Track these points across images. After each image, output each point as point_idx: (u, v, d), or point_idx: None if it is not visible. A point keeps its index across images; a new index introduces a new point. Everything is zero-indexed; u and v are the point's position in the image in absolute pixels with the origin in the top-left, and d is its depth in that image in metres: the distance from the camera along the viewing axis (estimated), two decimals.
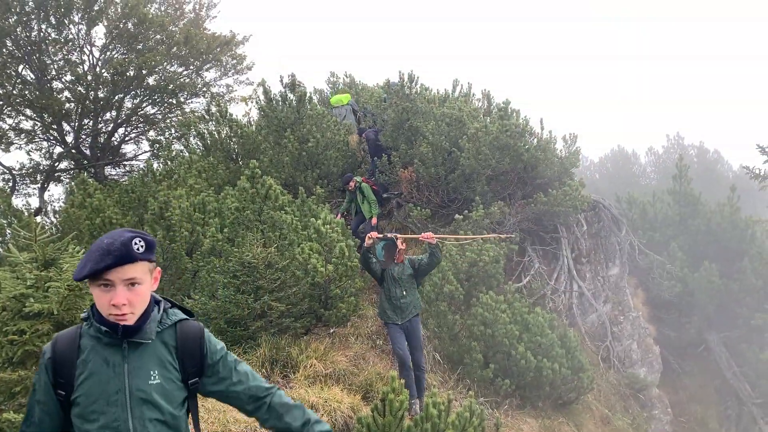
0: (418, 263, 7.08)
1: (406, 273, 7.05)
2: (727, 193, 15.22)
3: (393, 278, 7.04)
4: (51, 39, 14.75)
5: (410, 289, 7.02)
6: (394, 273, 7.02)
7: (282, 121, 11.77)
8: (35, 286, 4.07)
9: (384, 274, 7.08)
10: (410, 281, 7.06)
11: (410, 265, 7.12)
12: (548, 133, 11.35)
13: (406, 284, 7.00)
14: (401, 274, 7.03)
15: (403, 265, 7.09)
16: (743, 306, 13.50)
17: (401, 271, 7.05)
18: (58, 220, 10.35)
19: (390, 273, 7.03)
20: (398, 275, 7.02)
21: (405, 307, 6.94)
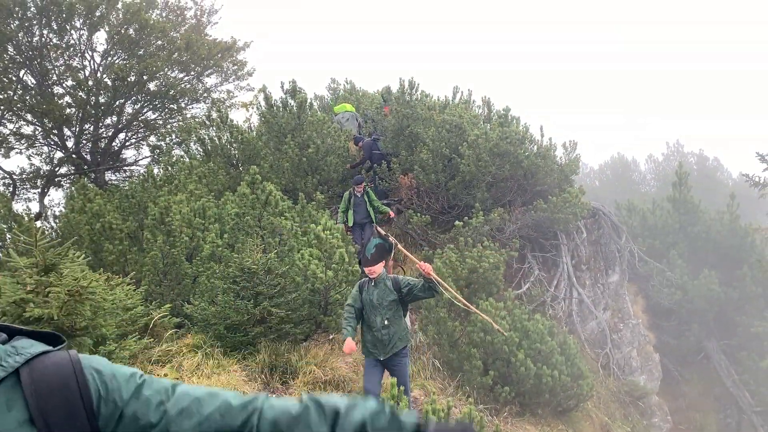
0: (407, 287, 5.91)
1: (388, 298, 5.89)
2: (727, 201, 15.25)
3: (372, 304, 5.93)
4: (52, 44, 14.78)
5: (394, 318, 5.87)
6: (373, 297, 5.91)
7: (282, 127, 11.80)
8: (35, 291, 4.07)
9: (362, 298, 6.02)
10: (394, 308, 5.90)
11: (394, 287, 5.95)
12: (548, 141, 11.41)
13: (388, 312, 5.86)
14: (382, 298, 5.90)
15: (384, 288, 5.95)
16: (743, 314, 13.50)
17: (382, 296, 5.91)
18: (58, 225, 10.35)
19: (368, 298, 5.94)
20: (378, 300, 5.91)
21: (387, 340, 5.82)
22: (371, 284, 6.03)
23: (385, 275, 6.07)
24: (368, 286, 6.05)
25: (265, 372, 6.67)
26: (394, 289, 5.94)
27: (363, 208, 10.37)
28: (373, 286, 6.01)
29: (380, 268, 6.06)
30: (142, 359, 6.33)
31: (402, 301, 5.98)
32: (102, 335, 4.63)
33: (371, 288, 6.01)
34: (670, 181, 16.73)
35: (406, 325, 6.11)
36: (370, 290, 6.01)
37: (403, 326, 5.98)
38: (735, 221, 14.84)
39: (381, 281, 6.00)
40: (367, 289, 6.05)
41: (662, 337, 14.13)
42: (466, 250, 9.55)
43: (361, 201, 10.39)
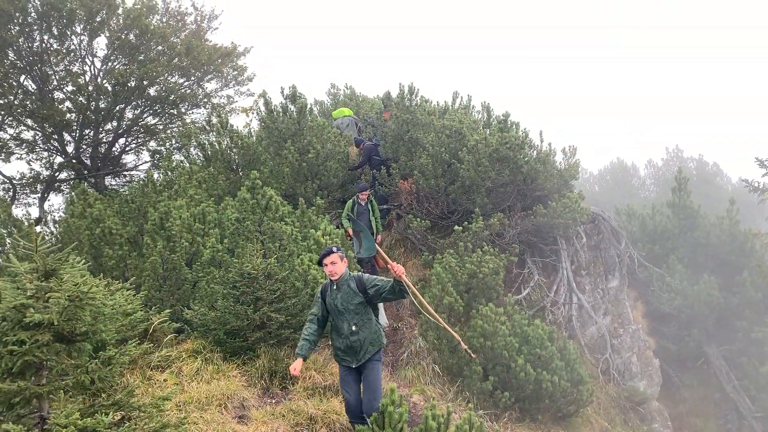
0: (374, 288, 5.41)
1: (354, 301, 5.40)
2: (727, 206, 15.26)
3: (336, 309, 5.46)
4: (53, 50, 14.83)
5: (363, 323, 5.42)
6: (337, 302, 5.43)
7: (282, 132, 11.82)
8: (35, 296, 4.07)
9: (327, 304, 5.57)
10: (361, 311, 5.43)
11: (359, 288, 5.43)
12: (548, 146, 11.42)
13: (355, 316, 5.40)
14: (346, 302, 5.42)
15: (349, 291, 5.43)
16: (743, 319, 13.49)
17: (346, 299, 5.42)
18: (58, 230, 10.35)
19: (332, 303, 5.47)
20: (343, 305, 5.42)
21: (358, 347, 5.40)
22: (333, 287, 5.52)
23: (348, 275, 5.53)
24: (331, 290, 5.55)
25: (264, 377, 6.67)
26: (359, 291, 5.43)
27: (366, 218, 10.07)
28: (335, 289, 5.50)
29: (342, 268, 5.49)
30: (142, 364, 6.34)
31: (370, 302, 5.48)
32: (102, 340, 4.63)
33: (334, 292, 5.50)
34: (670, 186, 16.74)
35: (379, 326, 5.59)
36: (333, 294, 5.51)
37: (374, 329, 5.49)
38: (735, 226, 14.84)
39: (344, 283, 5.48)
40: (330, 293, 5.55)
41: (662, 342, 14.11)
42: (465, 255, 9.56)
43: (364, 210, 10.12)
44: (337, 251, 5.48)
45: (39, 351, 3.97)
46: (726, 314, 13.67)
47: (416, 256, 11.02)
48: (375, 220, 10.20)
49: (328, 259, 5.47)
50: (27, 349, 3.92)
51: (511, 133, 10.80)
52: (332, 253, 5.46)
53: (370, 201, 10.22)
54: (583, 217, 11.15)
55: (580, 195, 11.26)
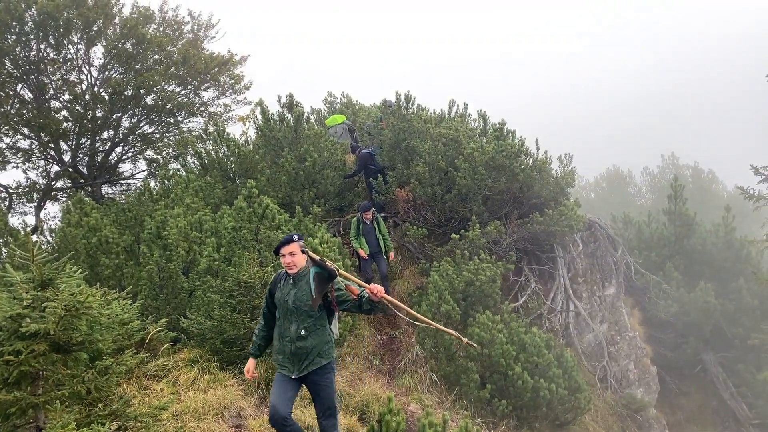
0: (337, 293, 4.55)
1: (309, 302, 4.52)
2: (722, 214, 15.32)
3: (286, 306, 4.62)
4: (50, 59, 14.84)
5: (314, 328, 4.56)
6: (288, 298, 4.60)
7: (279, 141, 11.84)
8: (32, 306, 4.06)
9: (276, 298, 4.75)
10: (315, 314, 4.56)
11: (317, 286, 4.52)
12: (543, 154, 11.46)
13: (306, 319, 4.55)
14: (300, 301, 4.55)
15: (306, 288, 4.56)
16: (739, 326, 13.52)
17: (300, 298, 4.56)
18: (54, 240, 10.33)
19: (283, 298, 4.64)
20: (295, 303, 4.57)
21: (303, 355, 4.54)
22: (288, 281, 4.68)
23: (308, 270, 4.62)
24: (284, 283, 4.71)
25: (261, 386, 6.65)
26: (316, 290, 4.54)
27: (373, 236, 9.71)
28: (291, 283, 4.64)
29: (302, 260, 4.65)
30: (138, 374, 6.31)
31: (327, 306, 4.60)
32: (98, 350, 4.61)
33: (287, 286, 4.66)
34: (666, 193, 16.81)
35: (332, 335, 4.72)
36: (285, 289, 4.66)
37: (326, 338, 4.63)
38: (730, 234, 14.91)
39: (302, 278, 4.62)
40: (282, 286, 4.70)
41: (659, 349, 14.13)
42: (462, 263, 9.57)
43: (370, 229, 9.71)
44: (299, 240, 4.66)
45: (35, 361, 3.96)
46: (723, 321, 13.71)
47: (413, 264, 11.03)
48: (383, 238, 9.75)
49: (287, 248, 4.61)
50: (23, 359, 3.91)
51: (507, 141, 10.84)
52: (292, 241, 4.62)
53: (375, 219, 9.81)
54: (580, 224, 11.18)
55: (577, 203, 11.29)
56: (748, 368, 13.19)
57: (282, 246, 4.67)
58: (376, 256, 9.73)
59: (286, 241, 4.66)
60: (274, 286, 4.81)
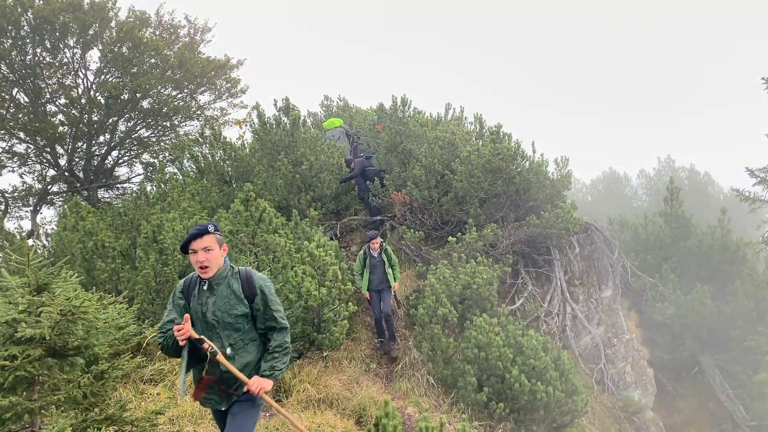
0: (267, 305, 3.69)
1: (233, 311, 3.60)
2: (718, 216, 15.37)
3: (203, 320, 3.62)
4: (45, 63, 14.83)
5: (242, 343, 3.65)
6: (205, 308, 3.61)
7: (276, 144, 11.84)
8: (27, 310, 4.05)
9: (189, 309, 3.66)
10: (243, 327, 3.65)
11: (244, 291, 3.65)
12: (540, 156, 11.48)
13: (232, 333, 3.62)
14: (222, 311, 3.60)
15: (227, 293, 3.62)
16: (736, 328, 13.54)
17: (222, 306, 3.60)
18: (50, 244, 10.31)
19: (198, 308, 3.63)
20: (215, 315, 3.60)
21: (232, 380, 3.61)
22: (203, 287, 3.64)
23: (229, 270, 3.69)
24: (198, 290, 3.65)
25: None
26: (244, 297, 3.64)
27: (380, 270, 8.99)
28: (205, 290, 3.63)
29: (220, 259, 3.62)
30: (135, 378, 6.30)
31: (255, 318, 3.70)
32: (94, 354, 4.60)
33: (202, 293, 3.63)
34: (662, 195, 16.87)
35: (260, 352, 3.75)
36: (201, 295, 3.63)
37: (260, 355, 3.71)
38: (726, 236, 14.95)
39: (221, 281, 3.64)
40: (196, 294, 3.65)
41: (656, 351, 14.15)
42: (459, 266, 9.57)
43: (378, 262, 9.01)
44: (215, 231, 3.59)
45: (31, 366, 3.95)
46: (719, 323, 13.73)
47: (410, 266, 11.03)
48: (393, 272, 9.04)
49: (200, 242, 3.52)
50: (19, 364, 3.89)
51: (503, 144, 10.85)
52: (206, 233, 3.54)
53: (384, 250, 9.06)
54: (576, 227, 11.19)
55: (573, 205, 11.31)
56: (744, 370, 13.22)
57: (192, 240, 3.51)
58: (382, 292, 9.05)
59: (198, 233, 3.51)
60: (186, 294, 3.67)
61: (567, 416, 8.68)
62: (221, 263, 3.66)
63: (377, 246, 8.99)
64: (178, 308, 3.65)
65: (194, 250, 3.54)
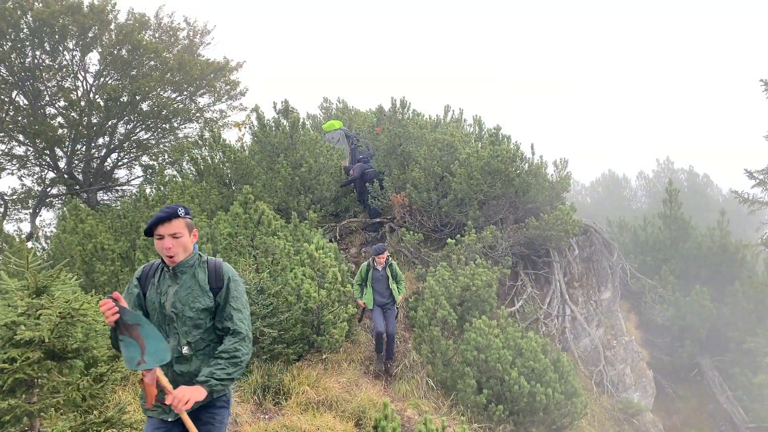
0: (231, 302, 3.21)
1: (195, 304, 3.16)
2: (717, 217, 15.38)
3: (160, 311, 3.19)
4: (45, 65, 14.85)
5: (202, 344, 3.18)
6: (164, 299, 3.18)
7: (275, 147, 11.85)
8: (26, 313, 4.05)
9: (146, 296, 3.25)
10: (204, 323, 3.18)
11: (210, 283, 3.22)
12: (539, 158, 11.49)
13: (191, 330, 3.17)
14: (183, 303, 3.17)
15: (191, 283, 3.19)
16: (735, 330, 13.55)
17: (184, 298, 3.17)
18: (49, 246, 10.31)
19: (155, 299, 3.20)
20: (174, 306, 3.16)
21: (185, 383, 3.07)
22: (164, 274, 3.24)
23: (197, 258, 3.28)
24: (159, 278, 3.25)
25: (257, 393, 6.63)
26: (210, 289, 3.21)
27: (384, 285, 8.34)
28: (169, 277, 3.22)
29: (189, 245, 3.22)
30: (134, 381, 6.29)
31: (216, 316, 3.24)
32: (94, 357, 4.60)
33: (164, 281, 3.22)
34: (661, 197, 16.89)
35: None
36: (161, 285, 3.22)
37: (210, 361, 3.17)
38: (725, 237, 14.96)
39: (187, 269, 3.22)
40: (157, 282, 3.24)
41: (655, 353, 14.15)
42: (458, 268, 9.58)
43: (382, 276, 8.34)
44: (185, 215, 3.21)
45: (30, 368, 3.95)
46: (718, 325, 13.74)
47: (409, 269, 11.03)
48: (398, 288, 8.47)
49: (167, 227, 3.12)
50: (18, 367, 3.89)
51: (502, 146, 10.86)
52: (176, 216, 3.15)
53: (389, 264, 8.43)
54: (575, 229, 11.20)
55: (572, 207, 11.32)
56: (744, 372, 13.21)
57: (159, 224, 3.11)
58: (385, 308, 8.42)
59: (165, 216, 3.11)
60: (143, 282, 3.28)
61: (566, 418, 8.67)
62: (190, 250, 3.24)
63: (383, 261, 8.35)
64: (131, 298, 3.22)
65: (161, 235, 3.11)
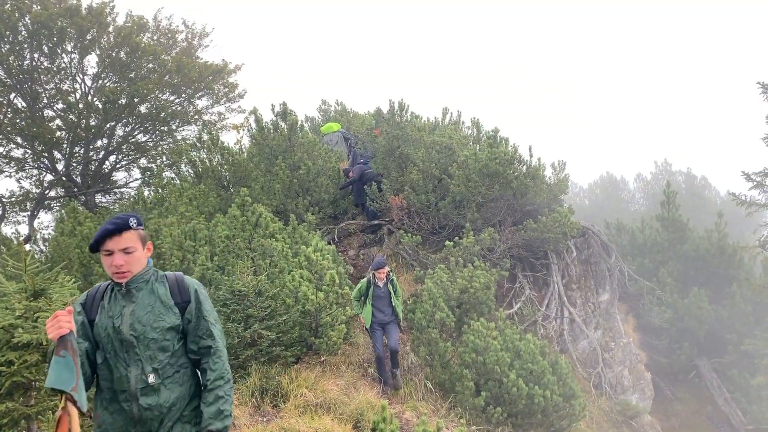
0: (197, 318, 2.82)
1: (160, 323, 2.72)
2: (715, 219, 15.40)
3: (116, 337, 2.68)
4: (43, 68, 14.85)
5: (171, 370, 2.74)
6: (120, 323, 2.68)
7: (273, 149, 11.85)
8: (24, 316, 4.05)
9: (93, 322, 2.72)
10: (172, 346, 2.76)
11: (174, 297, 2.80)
12: (537, 161, 11.50)
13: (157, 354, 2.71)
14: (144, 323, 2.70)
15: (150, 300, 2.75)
16: (733, 332, 13.56)
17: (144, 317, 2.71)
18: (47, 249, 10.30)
19: (106, 324, 2.69)
20: (134, 328, 2.68)
21: (154, 419, 2.67)
22: (116, 294, 2.74)
23: (153, 272, 2.83)
24: (110, 300, 2.74)
25: (255, 395, 6.63)
26: (174, 304, 2.77)
27: (386, 303, 7.98)
28: (122, 297, 2.73)
29: (143, 260, 2.76)
30: None
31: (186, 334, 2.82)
32: None
33: (116, 302, 2.72)
34: (659, 199, 16.92)
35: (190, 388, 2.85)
36: (113, 306, 2.72)
37: (193, 388, 2.82)
38: (723, 239, 14.98)
39: (142, 284, 2.76)
40: (107, 303, 2.74)
41: (653, 355, 14.16)
42: (457, 270, 9.58)
43: (383, 293, 7.98)
44: (137, 226, 2.72)
45: (27, 371, 3.95)
46: (716, 327, 13.75)
47: (408, 271, 11.03)
48: (399, 306, 8.12)
49: (116, 241, 2.64)
50: (15, 370, 3.89)
51: (500, 148, 10.88)
52: (126, 228, 2.66)
53: (390, 280, 8.05)
54: (573, 231, 11.21)
55: (570, 209, 11.33)
56: (742, 374, 13.22)
57: (107, 238, 2.61)
58: (387, 326, 8.03)
59: (115, 228, 2.60)
60: (88, 307, 2.73)
61: (565, 420, 8.67)
62: (144, 265, 2.77)
63: (383, 276, 7.95)
64: (78, 328, 2.65)
65: (109, 251, 2.63)
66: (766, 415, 12.54)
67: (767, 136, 13.49)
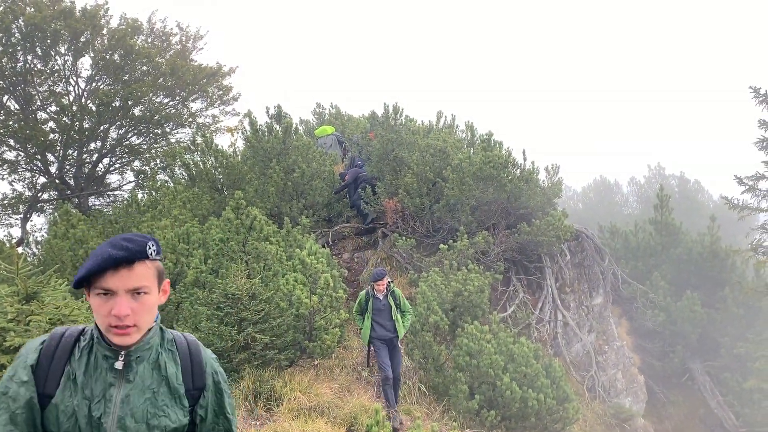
0: None
1: (161, 422, 1.70)
2: (708, 223, 15.48)
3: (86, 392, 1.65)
4: (37, 70, 14.80)
5: None
6: (104, 414, 1.62)
7: (268, 152, 11.84)
8: (16, 319, 4.03)
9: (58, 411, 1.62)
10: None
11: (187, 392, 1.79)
12: (531, 164, 11.54)
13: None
14: (142, 416, 1.66)
15: (154, 376, 1.73)
16: (725, 335, 13.62)
17: (141, 409, 1.67)
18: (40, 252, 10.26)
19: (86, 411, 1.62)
20: (122, 424, 1.63)
21: None
22: (100, 361, 1.70)
23: (158, 333, 1.81)
24: (89, 365, 1.70)
25: (249, 399, 6.61)
26: (185, 392, 1.81)
27: (386, 316, 7.43)
28: (107, 367, 1.68)
29: (155, 309, 1.76)
30: None
31: None
32: None
33: (99, 374, 1.68)
34: (653, 203, 16.99)
35: None
36: (94, 380, 1.68)
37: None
38: (716, 243, 15.05)
39: (144, 353, 1.75)
40: (83, 373, 1.68)
41: (647, 358, 14.20)
42: (451, 273, 9.59)
43: (384, 306, 7.45)
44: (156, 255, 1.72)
45: None
46: (709, 330, 13.81)
47: (402, 274, 11.04)
48: (402, 320, 7.57)
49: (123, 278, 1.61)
50: None
51: (494, 152, 10.90)
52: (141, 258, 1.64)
53: (391, 292, 7.52)
54: (567, 234, 11.25)
55: (564, 213, 11.37)
56: (734, 377, 13.28)
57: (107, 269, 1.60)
58: (390, 344, 7.51)
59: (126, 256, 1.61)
60: (45, 376, 1.67)
61: (558, 423, 8.68)
62: (154, 317, 1.76)
63: (383, 288, 7.41)
64: (18, 410, 1.60)
65: (108, 290, 1.61)
66: (758, 417, 12.60)
67: (759, 140, 13.56)
